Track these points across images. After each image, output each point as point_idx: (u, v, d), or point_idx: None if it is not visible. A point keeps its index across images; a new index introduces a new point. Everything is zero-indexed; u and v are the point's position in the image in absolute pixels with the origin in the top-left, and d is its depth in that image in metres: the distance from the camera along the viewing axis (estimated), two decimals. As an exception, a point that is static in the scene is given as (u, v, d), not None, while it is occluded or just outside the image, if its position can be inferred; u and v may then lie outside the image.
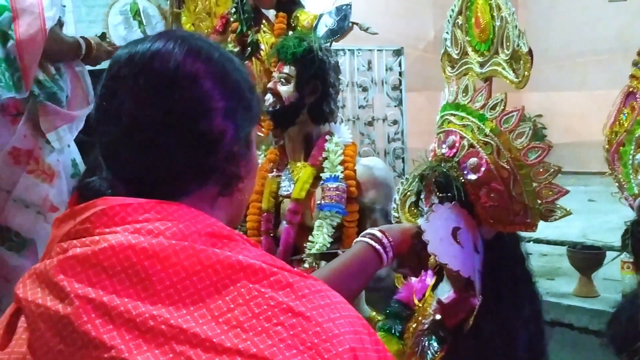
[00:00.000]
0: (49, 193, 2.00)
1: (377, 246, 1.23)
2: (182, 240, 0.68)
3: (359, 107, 4.98)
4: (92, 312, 0.63)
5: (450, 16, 1.39)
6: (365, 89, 5.00)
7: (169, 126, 0.74)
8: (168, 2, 2.58)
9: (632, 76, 1.11)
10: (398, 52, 5.14)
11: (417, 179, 1.34)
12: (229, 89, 0.79)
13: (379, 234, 1.25)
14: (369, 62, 5.02)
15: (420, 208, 1.36)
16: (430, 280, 1.37)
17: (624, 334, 1.09)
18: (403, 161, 5.14)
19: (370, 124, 5.07)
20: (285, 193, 2.01)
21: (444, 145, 1.29)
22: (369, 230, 1.27)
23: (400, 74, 5.14)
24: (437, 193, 1.26)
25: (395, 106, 5.14)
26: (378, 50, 5.03)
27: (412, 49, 5.72)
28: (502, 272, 1.26)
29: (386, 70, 5.09)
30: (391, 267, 1.31)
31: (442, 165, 1.26)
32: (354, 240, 1.29)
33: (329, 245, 1.87)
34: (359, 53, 4.92)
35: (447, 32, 1.41)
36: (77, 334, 0.62)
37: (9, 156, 1.85)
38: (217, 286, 0.65)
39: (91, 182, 0.77)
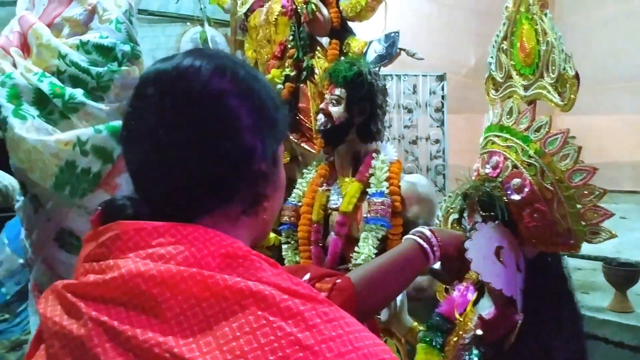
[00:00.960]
0: None
1: (425, 244, 1.14)
2: (193, 264, 0.60)
3: (404, 127, 4.92)
4: (103, 335, 0.57)
5: (495, 41, 1.29)
6: (410, 111, 4.94)
7: (195, 145, 0.66)
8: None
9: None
10: (441, 78, 5.06)
11: (460, 197, 1.24)
12: (255, 107, 0.71)
13: (428, 233, 1.16)
14: (414, 86, 4.95)
15: (463, 226, 1.26)
16: (471, 295, 1.26)
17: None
18: (444, 177, 5.04)
19: (414, 142, 5.00)
20: (334, 206, 1.94)
21: (487, 166, 1.19)
22: (418, 229, 1.18)
23: (442, 97, 5.06)
24: (481, 212, 1.16)
25: (437, 127, 5.06)
26: (423, 75, 4.97)
27: (453, 75, 5.59)
28: (544, 291, 1.15)
29: (430, 93, 5.02)
30: (430, 268, 1.20)
31: (486, 185, 1.16)
32: (404, 237, 1.20)
33: (374, 256, 1.78)
34: (405, 78, 4.87)
35: (491, 57, 1.32)
36: (88, 357, 0.56)
37: None
38: (226, 312, 0.57)
39: (115, 201, 0.71)
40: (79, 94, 1.80)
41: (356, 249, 1.83)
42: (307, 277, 1.08)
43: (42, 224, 1.86)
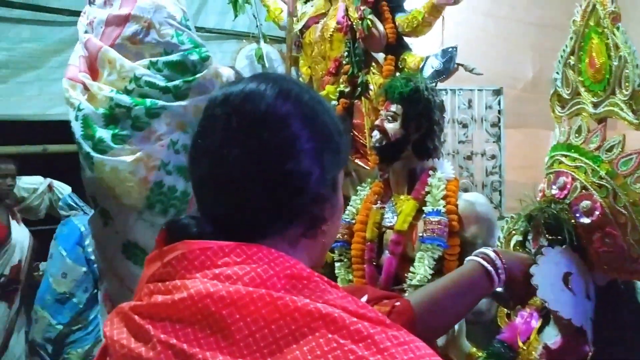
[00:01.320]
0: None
1: (489, 267, 1.08)
2: (260, 285, 0.60)
3: (459, 142, 4.83)
4: (172, 358, 0.57)
5: (562, 56, 1.24)
6: (465, 126, 4.84)
7: (257, 165, 0.68)
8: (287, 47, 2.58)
9: None
10: (497, 92, 4.96)
11: (523, 219, 1.19)
12: (318, 131, 0.72)
13: (492, 255, 1.10)
14: (470, 101, 4.87)
15: (527, 249, 1.20)
16: (535, 322, 1.20)
17: None
18: (500, 194, 4.91)
19: (469, 158, 4.89)
20: (389, 224, 1.90)
21: (554, 186, 1.14)
22: (482, 250, 1.12)
23: (499, 112, 4.95)
24: (547, 235, 1.11)
25: (493, 142, 4.94)
26: (478, 90, 4.88)
27: (510, 89, 5.45)
28: (616, 321, 1.08)
29: (485, 108, 4.91)
30: (493, 292, 1.15)
31: (552, 206, 1.11)
32: (466, 259, 1.15)
33: (430, 277, 1.73)
34: (459, 92, 4.79)
35: (557, 72, 1.26)
36: None
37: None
38: (295, 335, 0.57)
39: (179, 220, 0.71)
40: (159, 101, 1.86)
41: (411, 269, 1.78)
42: (364, 299, 1.06)
43: (110, 236, 1.94)
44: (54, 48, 3.57)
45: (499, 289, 1.16)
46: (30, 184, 3.68)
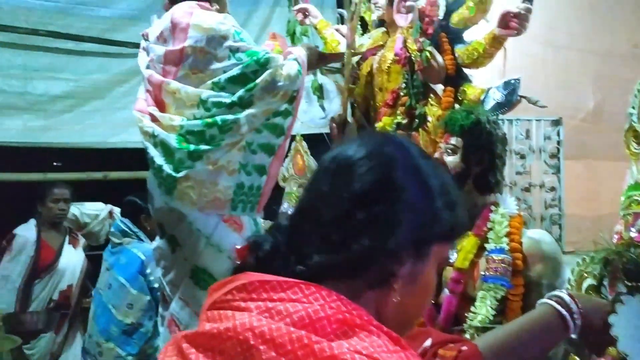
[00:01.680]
0: (237, 242, 1.98)
1: (564, 311, 1.01)
2: (307, 325, 0.61)
3: (516, 174, 4.72)
4: None
5: (638, 90, 1.19)
6: (523, 157, 4.74)
7: (340, 205, 0.70)
8: (344, 78, 2.57)
9: None
10: (556, 122, 4.85)
11: (598, 262, 1.12)
12: (418, 190, 0.71)
13: (567, 298, 1.03)
14: (527, 131, 4.76)
15: (602, 295, 1.13)
16: (612, 374, 1.12)
17: None
18: (560, 227, 4.75)
19: (527, 190, 4.78)
20: (448, 261, 1.84)
21: (632, 229, 1.08)
22: (555, 293, 1.06)
23: (558, 142, 4.82)
24: (626, 282, 1.04)
25: (552, 173, 4.82)
26: (536, 120, 4.77)
27: (570, 119, 5.31)
28: None
29: (544, 139, 4.80)
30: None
31: (631, 250, 1.04)
32: (538, 302, 1.09)
33: (491, 318, 1.66)
34: (517, 123, 4.70)
35: (633, 107, 1.21)
36: None
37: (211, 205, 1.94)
38: None
39: (259, 238, 0.76)
40: (229, 116, 1.90)
41: (472, 309, 1.71)
42: (428, 342, 1.02)
43: (179, 262, 1.99)
44: (118, 79, 3.72)
45: (572, 335, 1.09)
46: (92, 210, 3.78)
